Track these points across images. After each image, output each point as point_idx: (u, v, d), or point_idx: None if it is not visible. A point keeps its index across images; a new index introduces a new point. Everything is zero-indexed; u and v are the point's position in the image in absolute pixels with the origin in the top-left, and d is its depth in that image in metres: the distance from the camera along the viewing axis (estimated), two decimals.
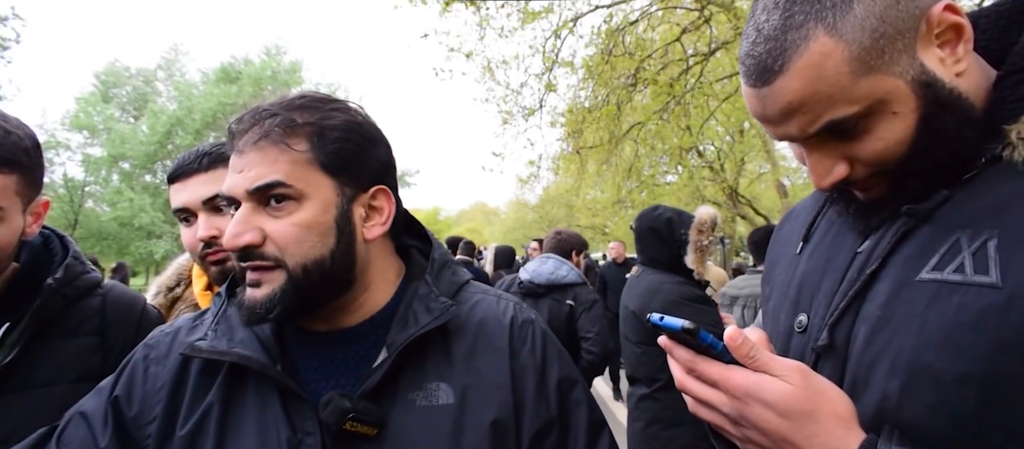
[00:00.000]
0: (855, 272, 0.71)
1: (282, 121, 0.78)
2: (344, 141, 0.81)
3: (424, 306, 0.85)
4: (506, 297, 0.94)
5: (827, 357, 0.71)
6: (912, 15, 0.61)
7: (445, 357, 0.84)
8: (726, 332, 0.64)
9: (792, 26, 0.62)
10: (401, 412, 0.80)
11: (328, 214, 0.79)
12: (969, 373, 0.57)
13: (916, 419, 0.60)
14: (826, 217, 0.84)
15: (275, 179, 0.76)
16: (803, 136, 0.67)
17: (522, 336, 0.87)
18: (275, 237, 0.77)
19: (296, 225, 0.77)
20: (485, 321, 0.88)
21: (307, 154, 0.78)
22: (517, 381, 0.83)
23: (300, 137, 0.78)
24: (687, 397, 0.71)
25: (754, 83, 0.66)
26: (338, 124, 0.81)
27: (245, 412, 0.81)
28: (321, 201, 0.79)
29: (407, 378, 0.82)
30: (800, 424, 0.61)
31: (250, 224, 0.77)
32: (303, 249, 0.78)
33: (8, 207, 0.99)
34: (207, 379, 0.84)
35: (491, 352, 0.85)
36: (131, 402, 0.84)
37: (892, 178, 0.68)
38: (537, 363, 0.86)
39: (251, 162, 0.77)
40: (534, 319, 0.91)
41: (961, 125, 0.64)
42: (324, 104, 0.83)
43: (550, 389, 0.85)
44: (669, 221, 2.58)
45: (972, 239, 0.60)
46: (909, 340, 0.61)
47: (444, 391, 0.81)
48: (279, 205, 0.77)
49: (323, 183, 0.79)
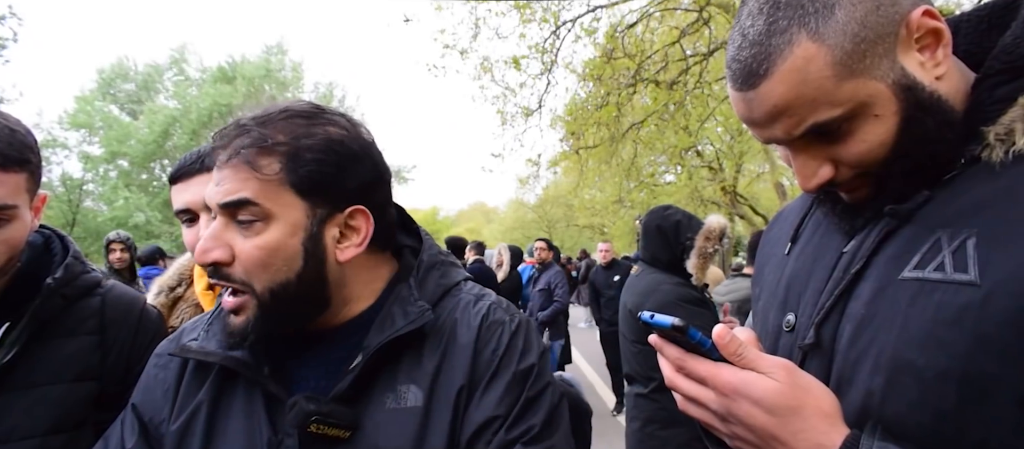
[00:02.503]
0: (841, 272, 0.72)
1: (255, 140, 0.77)
2: (320, 161, 0.79)
3: (402, 310, 0.84)
4: (489, 299, 0.92)
5: (814, 355, 0.72)
6: (892, 20, 0.63)
7: (417, 361, 0.83)
8: (714, 330, 0.65)
9: (776, 31, 0.64)
10: (373, 414, 0.80)
11: (295, 237, 0.78)
12: (949, 369, 0.58)
13: (899, 415, 0.61)
14: (813, 218, 0.85)
15: (243, 197, 0.76)
16: (788, 138, 0.68)
17: (487, 337, 0.85)
18: (242, 259, 0.77)
19: (261, 248, 0.77)
20: (458, 323, 0.87)
21: (280, 174, 0.77)
22: (472, 381, 0.83)
23: (272, 157, 0.77)
24: (676, 395, 0.72)
25: (740, 87, 0.68)
26: (316, 143, 0.79)
27: (233, 412, 0.83)
28: (289, 223, 0.78)
29: (382, 381, 0.82)
30: (786, 420, 0.62)
31: (221, 240, 0.78)
32: (268, 273, 0.78)
33: (20, 205, 1.01)
34: (199, 378, 0.87)
35: (458, 354, 0.84)
36: (147, 406, 0.89)
37: (875, 179, 0.69)
38: (495, 362, 0.84)
39: (225, 177, 0.77)
40: (506, 320, 0.88)
41: (941, 127, 0.65)
42: (308, 119, 0.81)
43: (500, 386, 0.82)
44: (677, 224, 2.61)
45: (952, 238, 0.62)
46: (892, 337, 0.63)
47: (413, 393, 0.81)
48: (247, 225, 0.77)
49: (293, 204, 0.78)
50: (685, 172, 13.14)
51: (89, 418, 1.08)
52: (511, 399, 0.82)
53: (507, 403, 0.81)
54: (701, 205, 14.75)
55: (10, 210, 0.99)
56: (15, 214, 1.00)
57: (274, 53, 25.03)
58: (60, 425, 1.04)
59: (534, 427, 0.81)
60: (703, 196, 14.91)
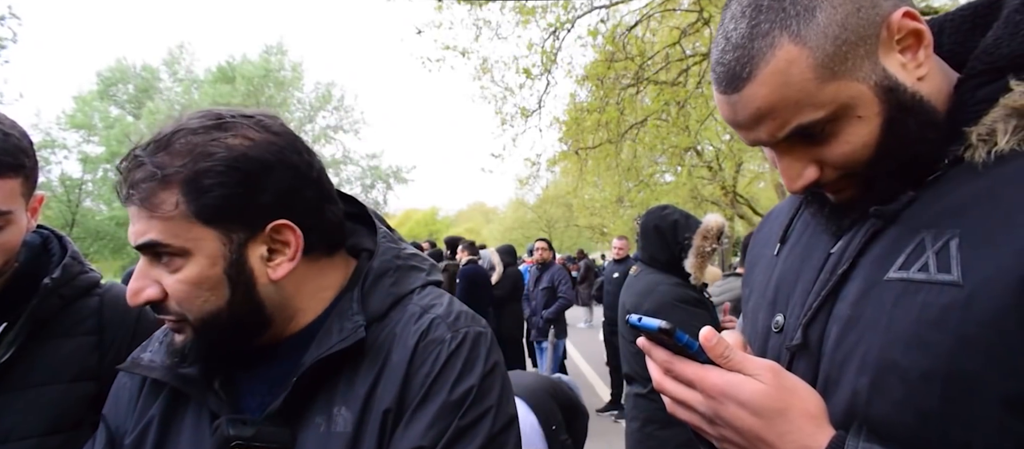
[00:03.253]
0: (827, 273, 0.72)
1: (148, 175, 0.71)
2: (222, 185, 0.72)
3: (339, 325, 0.79)
4: (436, 311, 0.83)
5: (801, 356, 0.72)
6: (873, 22, 0.63)
7: (352, 380, 0.78)
8: (701, 332, 0.66)
9: (759, 34, 0.64)
10: (309, 436, 0.77)
11: (215, 267, 0.74)
12: (933, 370, 0.58)
13: (885, 416, 0.62)
14: (802, 219, 0.86)
15: (152, 238, 0.72)
16: (773, 141, 0.69)
17: (422, 358, 0.78)
18: (171, 293, 0.75)
19: (184, 283, 0.74)
20: (396, 340, 0.80)
21: (182, 209, 0.72)
22: (400, 406, 0.76)
23: (170, 190, 0.71)
24: (665, 398, 0.72)
25: (724, 90, 0.68)
26: (216, 165, 0.72)
27: (182, 427, 0.82)
28: (206, 255, 0.74)
29: (320, 400, 0.78)
30: (772, 422, 0.63)
31: (148, 278, 0.75)
32: (197, 305, 0.75)
33: (15, 210, 1.01)
34: (154, 392, 0.86)
35: (391, 375, 0.78)
36: (113, 417, 0.89)
37: (861, 180, 0.70)
38: (426, 385, 0.76)
39: (132, 216, 0.74)
40: (447, 338, 0.80)
41: (923, 128, 0.66)
42: (205, 135, 0.74)
43: (429, 413, 0.75)
44: (675, 224, 2.61)
45: (936, 239, 0.62)
46: (877, 338, 0.63)
47: (343, 418, 0.76)
48: (168, 259, 0.74)
49: (204, 236, 0.73)
50: (685, 172, 13.15)
51: (87, 418, 1.08)
52: (439, 429, 0.74)
53: (433, 433, 0.74)
54: (700, 205, 14.77)
55: (5, 216, 0.99)
56: (10, 219, 1.00)
57: (274, 53, 25.03)
58: (57, 425, 1.04)
59: None
60: (702, 196, 14.93)
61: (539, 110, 8.88)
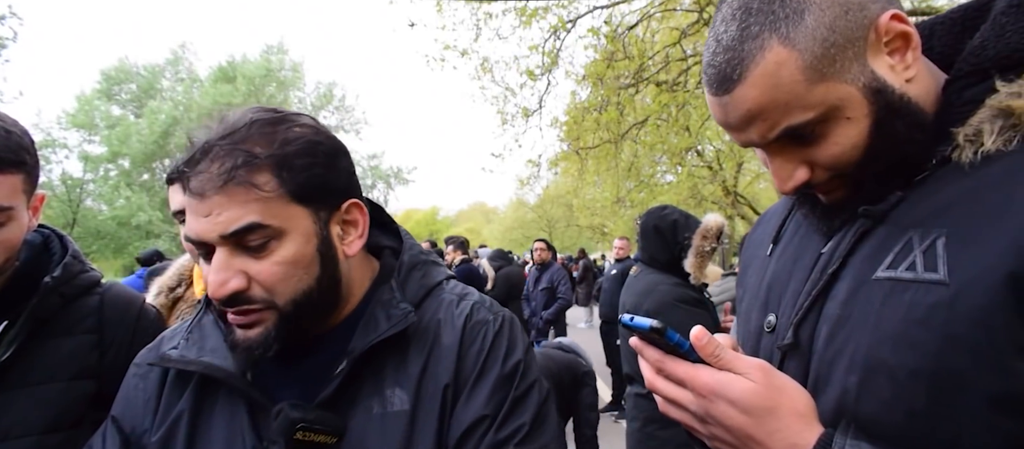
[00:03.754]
0: (818, 272, 0.73)
1: (243, 160, 0.72)
2: (310, 165, 0.77)
3: (385, 313, 0.83)
4: (472, 298, 0.91)
5: (792, 356, 0.73)
6: (861, 24, 0.64)
7: (402, 364, 0.82)
8: (692, 331, 0.66)
9: (748, 37, 0.65)
10: (360, 420, 0.79)
11: (310, 245, 0.77)
12: (920, 368, 0.59)
13: (873, 414, 0.62)
14: (794, 219, 0.86)
15: (251, 221, 0.72)
16: (763, 142, 0.70)
17: (472, 337, 0.85)
18: (261, 279, 0.75)
19: (280, 264, 0.75)
20: (442, 324, 0.86)
21: (276, 189, 0.74)
22: (458, 381, 0.82)
23: (264, 172, 0.74)
24: (657, 397, 0.73)
25: (715, 92, 0.69)
26: (300, 148, 0.76)
27: (214, 421, 0.82)
28: (301, 233, 0.76)
29: (367, 385, 0.81)
30: (761, 420, 0.63)
31: (232, 268, 0.74)
32: (291, 285, 0.76)
33: (17, 206, 1.01)
34: (179, 387, 0.85)
35: (443, 355, 0.83)
36: (127, 418, 0.87)
37: (851, 181, 0.71)
38: (479, 363, 0.83)
39: (218, 205, 0.72)
40: (490, 319, 0.88)
41: (911, 129, 0.66)
42: (279, 126, 0.77)
43: (487, 386, 0.82)
44: (675, 223, 2.61)
45: (923, 238, 0.63)
46: (866, 337, 0.64)
47: (399, 397, 0.80)
48: (258, 246, 0.74)
49: (298, 214, 0.76)
50: (685, 172, 13.15)
51: (87, 417, 1.08)
52: (498, 399, 0.81)
53: (495, 403, 0.81)
54: (701, 205, 14.77)
55: (6, 211, 0.99)
56: (11, 215, 1.00)
57: (274, 53, 25.05)
58: (57, 423, 1.04)
59: (524, 426, 0.81)
60: (703, 196, 14.92)
61: (540, 110, 8.90)
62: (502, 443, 0.79)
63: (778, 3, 0.64)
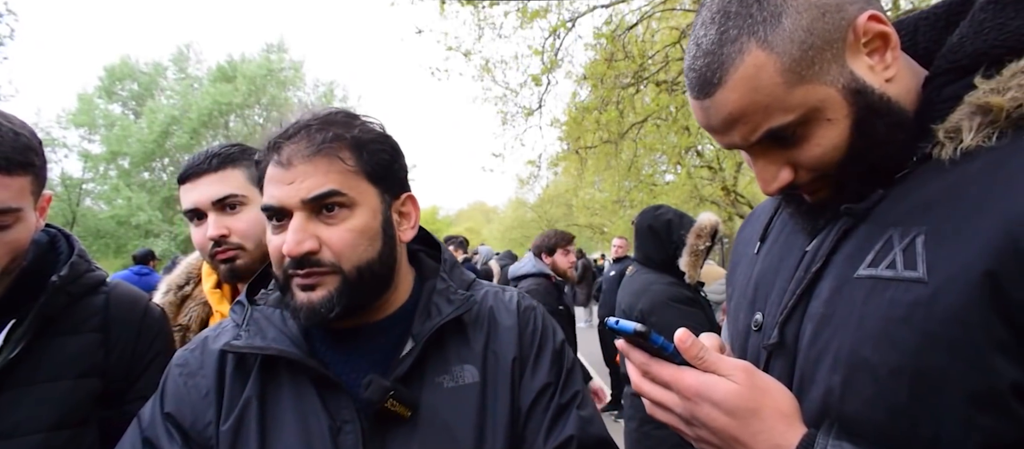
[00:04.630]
0: (802, 271, 0.74)
1: (332, 135, 0.85)
2: (380, 151, 0.89)
3: (445, 299, 0.94)
4: (509, 289, 1.06)
5: (778, 355, 0.74)
6: (839, 26, 0.64)
7: (465, 343, 0.93)
8: (676, 334, 0.67)
9: (727, 40, 0.65)
10: (430, 395, 0.88)
11: (376, 219, 0.88)
12: (901, 366, 0.59)
13: (857, 413, 0.63)
14: (780, 218, 0.87)
15: (331, 188, 0.83)
16: (746, 144, 0.70)
17: (526, 318, 0.99)
18: (331, 243, 0.84)
19: (351, 231, 0.85)
20: (495, 309, 0.99)
21: (355, 165, 0.86)
22: (524, 354, 0.95)
23: (347, 149, 0.86)
24: (644, 400, 0.74)
25: (697, 95, 0.70)
26: (374, 137, 0.89)
27: (284, 405, 0.86)
28: (370, 208, 0.87)
29: (431, 364, 0.90)
30: (745, 422, 0.64)
31: (308, 232, 0.83)
32: (357, 253, 0.85)
33: (25, 207, 1.02)
34: (241, 377, 0.89)
35: (504, 333, 0.96)
36: (183, 414, 0.89)
37: (834, 181, 0.71)
38: (538, 339, 0.97)
39: (302, 173, 0.83)
40: (535, 305, 1.03)
41: (892, 128, 0.67)
42: (356, 120, 0.90)
43: (547, 359, 0.96)
44: (669, 223, 2.62)
45: (903, 236, 0.63)
46: (849, 335, 0.64)
47: (469, 372, 0.90)
48: (332, 213, 0.84)
49: (369, 191, 0.88)
50: (685, 172, 13.14)
51: (93, 415, 1.09)
52: (557, 370, 0.96)
53: (554, 373, 0.95)
54: (701, 204, 14.76)
55: (14, 213, 1.00)
56: (20, 216, 1.01)
57: (274, 51, 24.99)
58: (64, 421, 1.05)
59: (579, 393, 0.95)
60: (702, 195, 14.91)
61: (540, 109, 8.90)
62: (566, 406, 0.93)
63: (756, 6, 0.64)
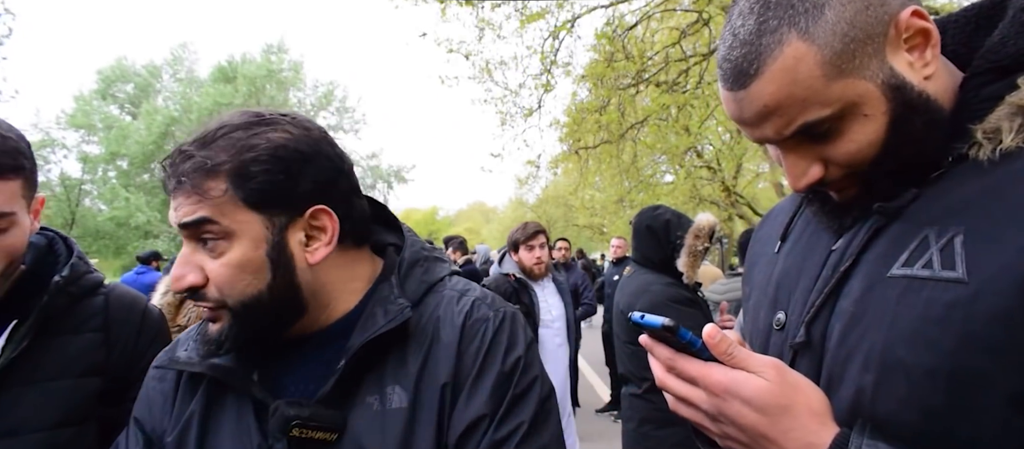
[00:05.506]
0: (830, 270, 0.72)
1: (197, 165, 0.77)
2: (267, 172, 0.78)
3: (383, 309, 0.84)
4: (472, 294, 0.91)
5: (804, 354, 0.72)
6: (881, 20, 0.63)
7: (402, 361, 0.83)
8: (705, 329, 0.66)
9: (766, 31, 0.64)
10: (359, 416, 0.80)
11: (259, 250, 0.78)
12: (937, 367, 0.58)
13: (890, 413, 0.62)
14: (803, 217, 0.86)
15: (201, 215, 0.77)
16: (778, 138, 0.69)
17: (471, 334, 0.85)
18: (213, 278, 0.78)
19: (227, 266, 0.78)
20: (441, 321, 0.86)
21: (227, 194, 0.77)
22: (457, 381, 0.82)
23: (218, 178, 0.77)
24: (668, 395, 0.72)
25: (730, 87, 0.68)
26: (261, 154, 0.78)
27: (223, 420, 0.84)
28: (250, 238, 0.78)
29: (368, 382, 0.82)
30: (776, 419, 0.63)
31: (192, 263, 0.79)
32: (239, 288, 0.78)
33: (17, 211, 1.02)
34: (192, 388, 0.88)
35: (442, 352, 0.83)
36: (148, 420, 0.90)
37: (864, 179, 0.70)
38: (481, 360, 0.83)
39: (179, 202, 0.78)
40: (491, 316, 0.87)
41: (929, 126, 0.66)
42: (247, 130, 0.79)
43: (488, 384, 0.82)
44: (667, 223, 2.61)
45: (940, 235, 0.62)
46: (881, 335, 0.63)
47: (398, 394, 0.81)
48: (212, 244, 0.78)
49: (249, 219, 0.78)
50: (684, 172, 13.16)
51: (93, 413, 1.11)
52: (498, 397, 0.81)
53: (494, 401, 0.81)
54: (700, 205, 14.78)
55: (8, 217, 1.00)
56: (13, 220, 1.01)
57: (274, 52, 25.01)
58: (67, 419, 1.06)
59: (523, 424, 0.81)
60: (702, 196, 14.93)
61: (539, 110, 8.91)
62: (501, 442, 0.79)
63: None
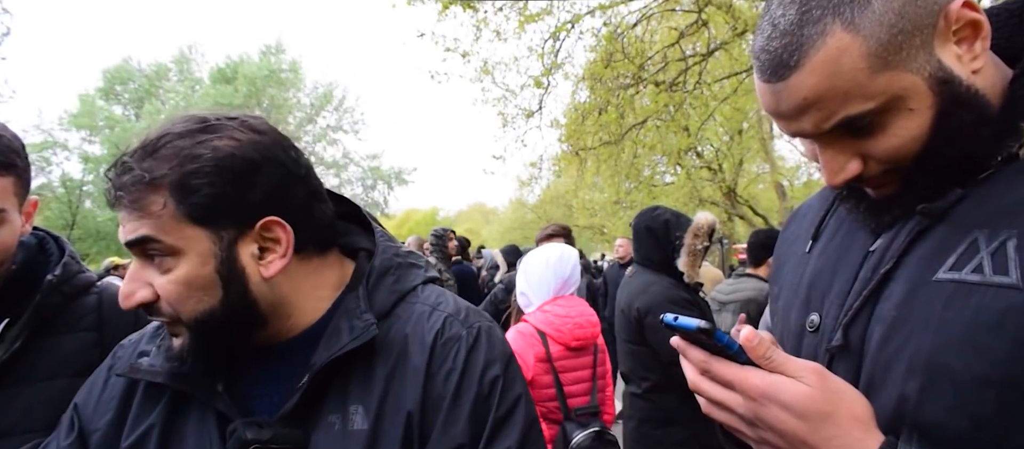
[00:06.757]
0: (868, 271, 0.70)
1: (135, 179, 0.72)
2: (210, 185, 0.72)
3: (348, 323, 0.79)
4: (445, 309, 0.85)
5: (842, 357, 0.70)
6: (930, 11, 0.61)
7: (366, 378, 0.78)
8: (743, 333, 0.64)
9: (809, 21, 0.61)
10: (321, 436, 0.76)
11: (206, 267, 0.74)
12: (989, 375, 0.56)
13: (936, 421, 0.59)
14: (836, 215, 0.83)
15: (143, 233, 0.72)
16: (817, 132, 0.66)
17: (443, 355, 0.79)
18: (163, 295, 0.74)
19: (176, 283, 0.74)
20: (409, 339, 0.81)
21: (168, 209, 0.72)
22: (427, 407, 0.77)
23: (159, 193, 0.72)
24: (701, 398, 0.70)
25: (768, 78, 0.65)
26: (204, 166, 0.72)
27: (185, 432, 0.80)
28: (197, 254, 0.73)
29: (331, 399, 0.78)
30: (818, 426, 0.60)
31: (140, 280, 0.75)
32: (190, 306, 0.74)
33: (9, 209, 1.02)
34: (152, 398, 0.83)
35: (409, 374, 0.78)
36: (86, 409, 0.85)
37: (905, 176, 0.67)
38: (455, 383, 0.78)
39: (123, 218, 0.74)
40: (464, 335, 0.81)
41: (977, 123, 0.63)
42: (190, 138, 0.74)
43: (465, 410, 0.77)
44: (666, 223, 2.62)
45: (990, 239, 0.60)
46: (927, 341, 0.60)
47: (360, 415, 0.76)
48: (159, 260, 0.74)
49: (195, 235, 0.73)
50: (684, 173, 13.16)
51: None
52: (477, 423, 0.76)
53: (473, 428, 0.76)
54: (700, 205, 14.77)
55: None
56: (4, 218, 1.01)
57: (274, 52, 25.04)
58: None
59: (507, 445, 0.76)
60: (702, 197, 14.93)
61: (540, 110, 8.92)
62: None
63: None
